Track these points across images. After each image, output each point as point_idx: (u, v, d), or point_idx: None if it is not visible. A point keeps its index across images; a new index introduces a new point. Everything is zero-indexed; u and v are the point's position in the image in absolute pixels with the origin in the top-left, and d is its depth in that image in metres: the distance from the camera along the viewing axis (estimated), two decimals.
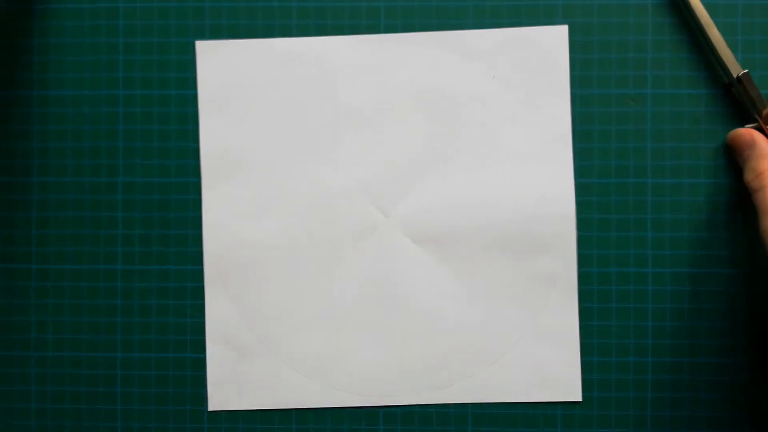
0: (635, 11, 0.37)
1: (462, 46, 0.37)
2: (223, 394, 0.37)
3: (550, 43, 0.37)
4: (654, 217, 0.37)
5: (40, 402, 0.37)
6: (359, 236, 0.37)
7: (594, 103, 0.37)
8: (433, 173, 0.37)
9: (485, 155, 0.37)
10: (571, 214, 0.36)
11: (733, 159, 0.36)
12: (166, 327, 0.37)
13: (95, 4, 0.37)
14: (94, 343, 0.37)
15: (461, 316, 0.37)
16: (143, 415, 0.37)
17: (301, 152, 0.37)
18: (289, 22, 0.37)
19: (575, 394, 0.36)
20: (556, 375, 0.36)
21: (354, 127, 0.37)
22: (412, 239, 0.37)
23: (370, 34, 0.37)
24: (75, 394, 0.37)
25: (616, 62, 0.37)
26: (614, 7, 0.37)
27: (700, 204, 0.36)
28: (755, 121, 0.35)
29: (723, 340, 0.36)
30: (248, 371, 0.37)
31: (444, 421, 0.37)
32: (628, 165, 0.37)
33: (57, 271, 0.37)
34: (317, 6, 0.37)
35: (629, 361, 0.36)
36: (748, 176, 0.33)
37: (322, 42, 0.37)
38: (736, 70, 0.35)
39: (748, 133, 0.34)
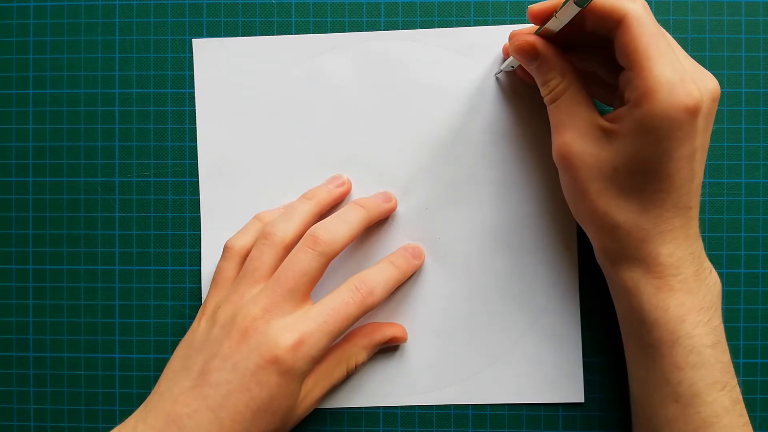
0: None
1: (464, 44, 0.36)
2: None
3: None
4: None
5: (38, 403, 0.37)
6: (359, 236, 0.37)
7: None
8: (434, 172, 0.36)
9: (486, 153, 0.36)
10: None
11: None
12: (164, 328, 0.37)
13: (91, 1, 0.37)
14: (92, 343, 0.37)
15: (461, 316, 0.36)
16: None
17: (300, 151, 0.37)
18: (287, 19, 0.37)
19: (577, 395, 0.36)
20: (557, 376, 0.36)
21: (353, 124, 0.37)
22: (412, 239, 0.37)
23: (370, 31, 0.36)
24: (73, 396, 0.37)
25: None
26: None
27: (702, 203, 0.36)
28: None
29: None
30: None
31: (445, 422, 0.36)
32: None
33: (54, 271, 0.37)
34: (316, 2, 0.37)
35: None
36: (542, 91, 0.31)
37: (321, 39, 0.37)
38: None
39: (529, 45, 0.30)
